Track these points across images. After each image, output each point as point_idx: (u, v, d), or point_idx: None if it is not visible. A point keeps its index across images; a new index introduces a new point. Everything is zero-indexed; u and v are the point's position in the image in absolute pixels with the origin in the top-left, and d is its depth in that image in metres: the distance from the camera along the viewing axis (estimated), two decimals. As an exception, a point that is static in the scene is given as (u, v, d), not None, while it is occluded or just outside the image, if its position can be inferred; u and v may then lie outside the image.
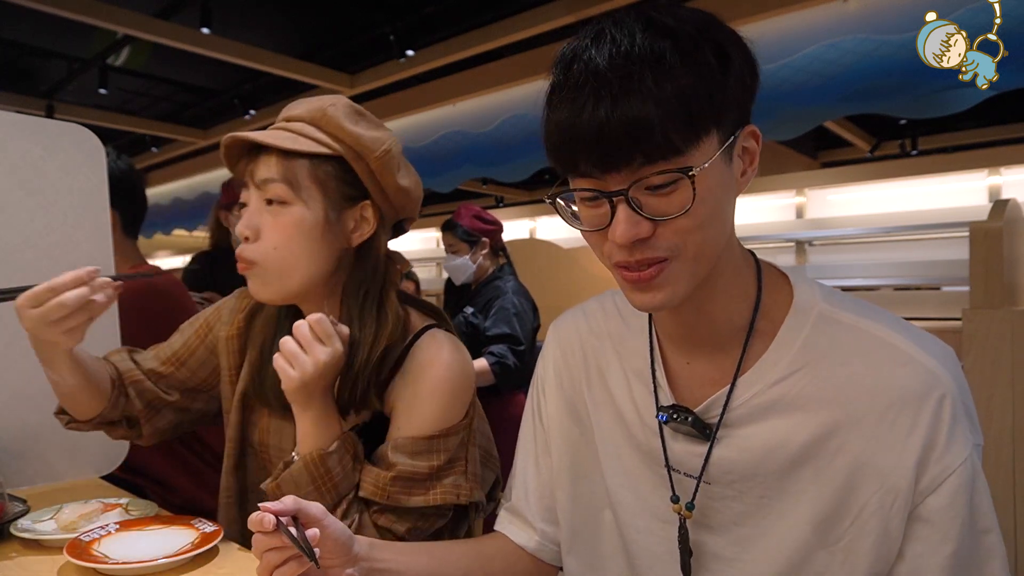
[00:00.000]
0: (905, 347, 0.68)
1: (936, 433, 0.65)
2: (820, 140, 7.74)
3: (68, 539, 0.91)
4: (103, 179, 1.39)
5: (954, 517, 0.65)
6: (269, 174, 0.95)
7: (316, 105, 0.98)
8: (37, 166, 1.31)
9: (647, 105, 0.59)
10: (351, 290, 1.00)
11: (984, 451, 0.72)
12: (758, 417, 0.71)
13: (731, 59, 0.63)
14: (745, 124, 0.67)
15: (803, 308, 0.72)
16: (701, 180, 0.61)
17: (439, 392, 0.97)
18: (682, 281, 0.66)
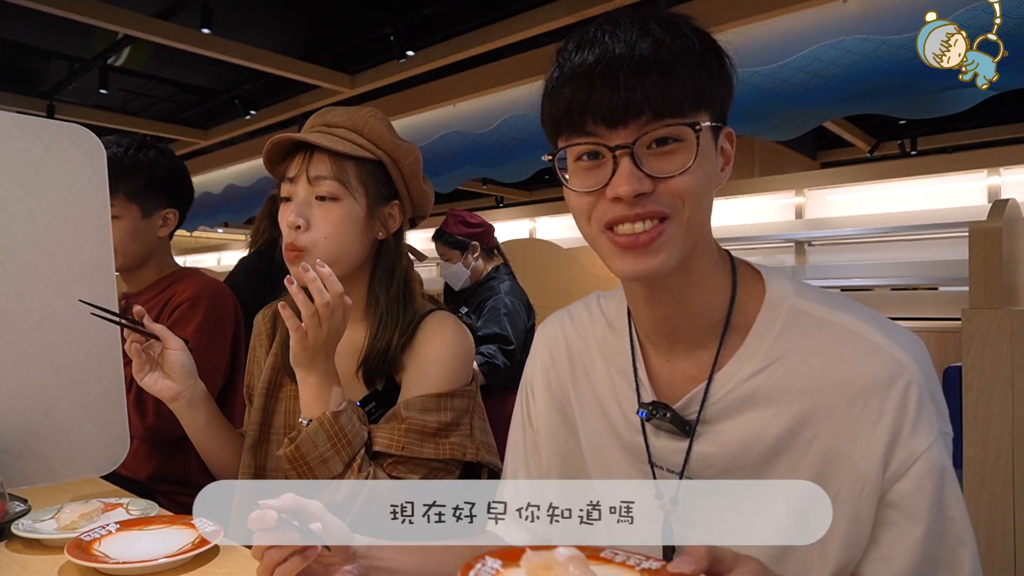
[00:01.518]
0: (872, 336, 0.70)
1: (903, 419, 0.67)
2: (820, 140, 7.75)
3: (68, 539, 0.91)
4: (103, 179, 1.39)
5: (922, 500, 0.67)
6: (323, 172, 1.08)
7: (358, 115, 1.14)
8: (37, 166, 1.31)
9: (662, 53, 0.66)
10: (382, 276, 1.15)
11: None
12: (735, 411, 0.73)
13: (723, 60, 0.71)
14: (727, 124, 0.73)
15: (775, 303, 0.74)
16: (687, 146, 0.68)
17: (443, 355, 1.11)
18: (676, 245, 0.70)
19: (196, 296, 1.57)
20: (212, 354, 1.55)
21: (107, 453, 1.38)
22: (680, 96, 0.67)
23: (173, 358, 1.14)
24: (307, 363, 1.01)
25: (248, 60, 5.37)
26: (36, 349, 1.28)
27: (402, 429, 1.04)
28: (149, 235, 1.64)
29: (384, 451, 1.03)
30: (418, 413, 1.06)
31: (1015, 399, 1.76)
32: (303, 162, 1.09)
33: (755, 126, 3.83)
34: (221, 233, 11.86)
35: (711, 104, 0.69)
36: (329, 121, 1.14)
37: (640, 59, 0.66)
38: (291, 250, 1.08)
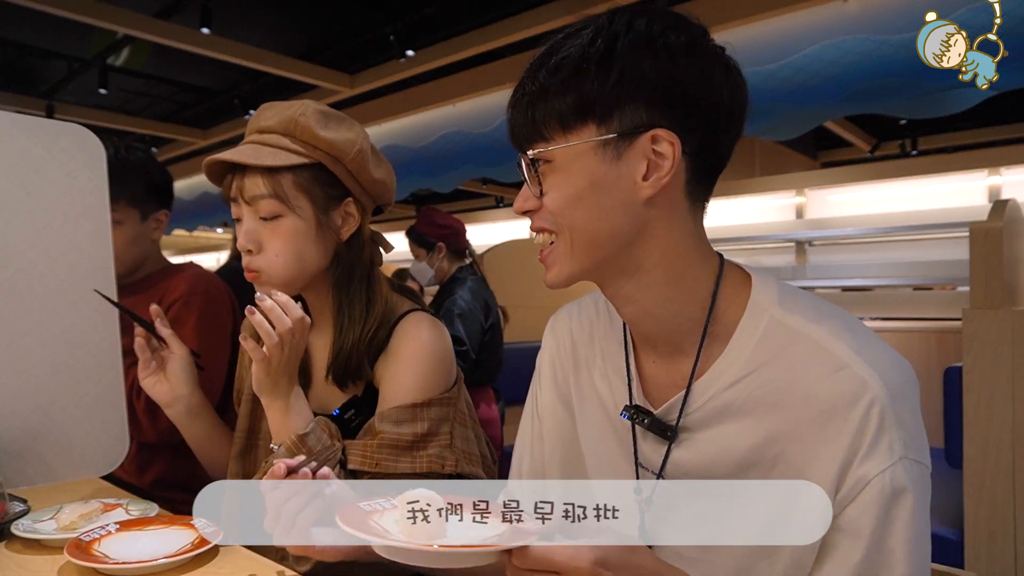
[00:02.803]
0: (842, 353, 0.67)
1: (860, 440, 0.65)
2: (820, 140, 7.74)
3: (68, 539, 0.91)
4: (103, 179, 1.39)
5: (864, 526, 0.64)
6: (258, 191, 1.03)
7: (287, 115, 1.05)
8: (37, 166, 1.31)
9: (524, 101, 0.72)
10: (342, 278, 1.11)
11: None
12: (713, 420, 0.72)
13: (614, 65, 0.68)
14: (654, 127, 0.69)
15: (756, 312, 0.73)
16: (557, 166, 0.71)
17: (417, 362, 1.07)
18: (565, 262, 0.74)
19: (189, 293, 1.55)
20: (214, 350, 1.54)
21: (106, 453, 1.38)
22: (543, 120, 0.71)
23: (175, 364, 1.14)
24: (271, 388, 1.00)
25: (248, 60, 5.37)
26: (36, 349, 1.28)
27: (375, 445, 1.01)
28: (145, 239, 1.64)
29: (359, 468, 1.00)
30: (392, 426, 1.02)
31: (1015, 399, 1.76)
32: (238, 182, 1.05)
33: (755, 126, 3.82)
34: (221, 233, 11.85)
35: (603, 114, 0.69)
36: (261, 126, 1.07)
37: (526, 82, 0.72)
38: (248, 271, 1.07)
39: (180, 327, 1.51)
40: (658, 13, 0.72)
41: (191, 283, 1.58)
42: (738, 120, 0.74)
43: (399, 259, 7.57)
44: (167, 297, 1.56)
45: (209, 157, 1.05)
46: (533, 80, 0.71)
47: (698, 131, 0.71)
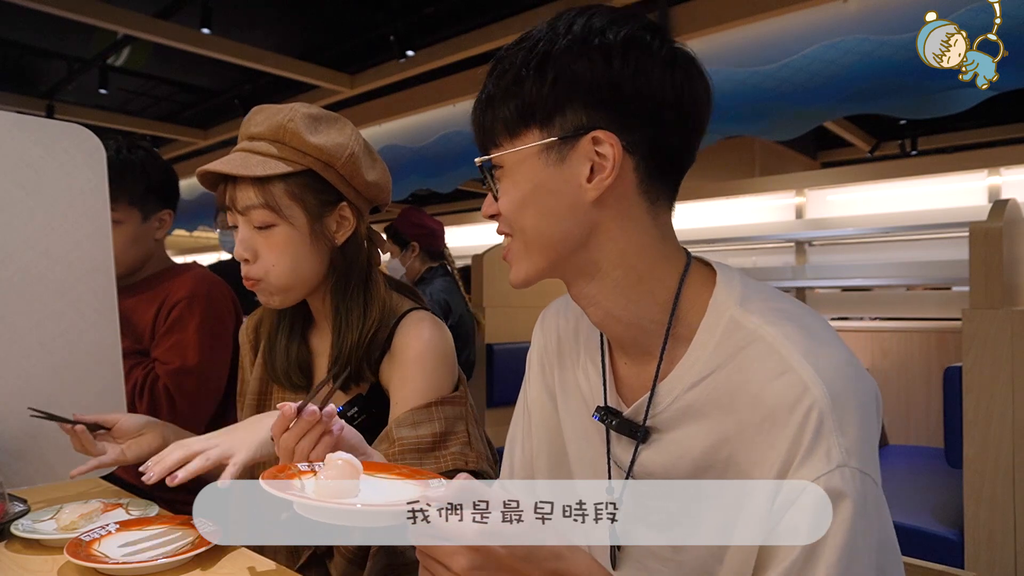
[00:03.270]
0: (789, 356, 0.66)
1: (797, 447, 0.63)
2: (820, 140, 7.74)
3: (68, 539, 0.91)
4: (103, 179, 1.39)
5: (799, 534, 0.62)
6: (249, 202, 1.03)
7: (276, 121, 1.04)
8: (37, 166, 1.31)
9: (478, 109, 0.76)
10: (339, 283, 1.11)
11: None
12: (676, 422, 0.73)
13: (549, 69, 0.69)
14: (594, 129, 0.69)
15: (717, 311, 0.72)
16: (506, 172, 0.73)
17: (422, 361, 1.08)
18: (521, 262, 0.76)
19: (192, 295, 1.55)
20: (215, 355, 1.54)
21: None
22: (492, 126, 0.74)
23: (125, 424, 1.13)
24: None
25: (248, 60, 5.37)
26: (36, 349, 1.28)
27: (396, 452, 1.01)
28: (147, 239, 1.64)
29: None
30: (410, 429, 1.03)
31: (1015, 399, 1.76)
32: (230, 192, 1.05)
33: (755, 126, 3.82)
34: (221, 233, 11.85)
35: (545, 119, 0.70)
36: (251, 132, 1.06)
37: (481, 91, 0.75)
38: (247, 280, 1.07)
39: (181, 329, 1.51)
40: (601, 11, 0.71)
41: (193, 285, 1.57)
42: (689, 116, 0.72)
43: (399, 259, 7.57)
44: (169, 299, 1.56)
45: (200, 167, 1.05)
46: (484, 88, 0.75)
47: (642, 130, 0.70)
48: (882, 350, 3.37)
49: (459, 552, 0.59)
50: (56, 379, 1.31)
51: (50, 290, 1.31)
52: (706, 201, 5.38)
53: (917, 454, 2.93)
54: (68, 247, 1.33)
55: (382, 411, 1.11)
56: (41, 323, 1.29)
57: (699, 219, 5.39)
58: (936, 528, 1.95)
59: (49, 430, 1.29)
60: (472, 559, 0.59)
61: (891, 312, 3.80)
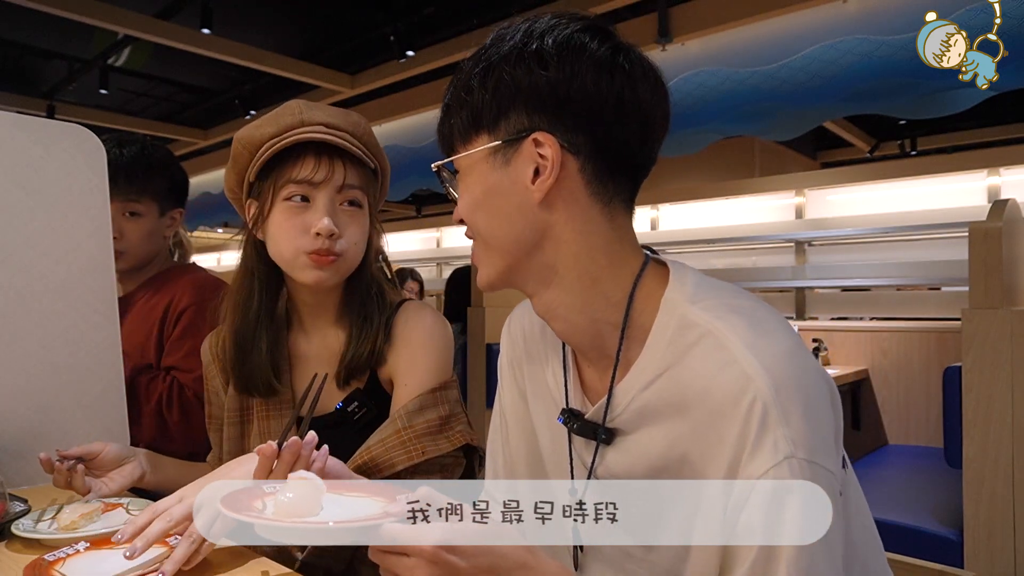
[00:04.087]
0: (733, 347, 0.65)
1: (743, 441, 0.62)
2: (820, 140, 7.75)
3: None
4: (103, 179, 1.39)
5: (754, 532, 0.61)
6: (352, 180, 1.08)
7: (351, 120, 1.11)
8: (37, 166, 1.31)
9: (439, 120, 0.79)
10: (361, 280, 1.14)
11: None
12: (634, 423, 0.73)
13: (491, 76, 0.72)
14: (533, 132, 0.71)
15: (669, 310, 0.72)
16: (461, 176, 0.77)
17: (430, 346, 1.11)
18: (484, 263, 0.78)
19: (200, 300, 1.54)
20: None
21: (107, 453, 1.38)
22: (448, 133, 0.77)
23: (108, 455, 1.11)
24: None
25: (248, 60, 5.37)
26: (36, 349, 1.28)
27: (413, 437, 1.03)
28: (160, 235, 1.65)
29: (407, 465, 1.02)
30: (419, 415, 1.05)
31: (1015, 399, 1.76)
32: (330, 166, 1.06)
33: (755, 126, 3.82)
34: (221, 233, 11.86)
35: (491, 124, 0.73)
36: (326, 122, 1.08)
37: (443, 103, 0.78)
38: (327, 255, 1.05)
39: (195, 335, 1.51)
40: (546, 17, 0.73)
41: (198, 291, 1.57)
42: (632, 115, 0.71)
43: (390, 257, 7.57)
44: (176, 302, 1.56)
45: (300, 135, 1.04)
46: (444, 98, 0.78)
47: (584, 130, 0.70)
48: (881, 350, 3.37)
49: (418, 566, 0.59)
50: (56, 379, 1.31)
51: (50, 290, 1.31)
52: (706, 201, 5.38)
53: (917, 454, 2.93)
54: (68, 247, 1.33)
55: (381, 403, 1.11)
56: (41, 323, 1.29)
57: (699, 219, 5.39)
58: (936, 528, 1.95)
59: (49, 430, 1.29)
60: (430, 571, 0.59)
61: (891, 312, 3.80)
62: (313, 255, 1.05)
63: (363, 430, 1.08)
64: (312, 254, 1.05)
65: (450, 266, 7.06)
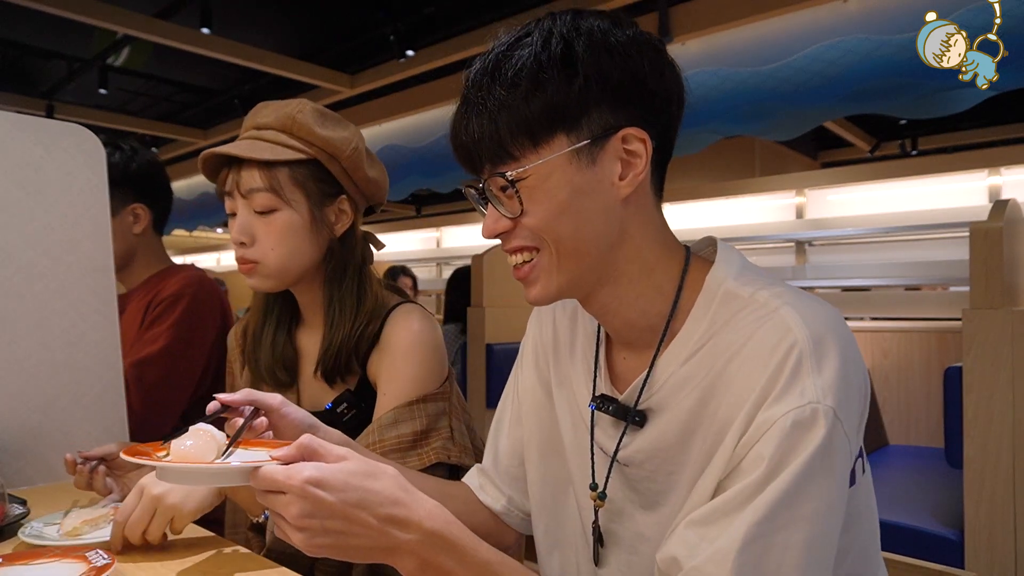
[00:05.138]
0: (776, 306, 0.68)
1: (772, 384, 0.63)
2: (820, 140, 7.74)
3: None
4: (103, 179, 1.39)
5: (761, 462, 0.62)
6: (254, 184, 1.05)
7: (284, 112, 1.08)
8: (37, 166, 1.31)
9: (482, 120, 0.70)
10: (334, 274, 1.12)
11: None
12: (668, 400, 0.73)
13: (577, 72, 0.67)
14: (622, 127, 0.70)
15: (712, 287, 0.74)
16: (533, 183, 0.69)
17: (412, 354, 1.09)
18: (552, 276, 0.73)
19: (178, 293, 1.55)
20: (186, 352, 1.53)
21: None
22: (505, 137, 0.69)
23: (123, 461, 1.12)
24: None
25: (248, 60, 5.37)
26: (36, 349, 1.28)
27: (378, 453, 1.02)
28: (123, 233, 1.62)
29: None
30: (392, 429, 1.05)
31: (1015, 399, 1.76)
32: (234, 176, 1.07)
33: (755, 126, 3.82)
34: (220, 233, 11.86)
35: (572, 122, 0.68)
36: (258, 123, 1.10)
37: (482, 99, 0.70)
38: (242, 263, 1.08)
39: (158, 325, 1.51)
40: (596, 14, 0.72)
41: (181, 285, 1.58)
42: (683, 107, 0.75)
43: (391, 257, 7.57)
44: (156, 298, 1.56)
45: (206, 151, 1.07)
46: (488, 95, 0.69)
47: (658, 124, 0.72)
48: (882, 350, 3.37)
49: (291, 502, 0.61)
50: (56, 379, 1.31)
51: (50, 290, 1.31)
52: (706, 201, 5.38)
53: (917, 454, 2.93)
54: (68, 247, 1.33)
55: (370, 405, 1.12)
56: (41, 323, 1.29)
57: (699, 219, 5.39)
58: (936, 528, 1.95)
59: (49, 430, 1.29)
60: (302, 507, 0.61)
61: (891, 312, 3.80)
62: (238, 263, 1.09)
63: (353, 430, 1.09)
64: (237, 262, 1.09)
65: (450, 266, 7.07)
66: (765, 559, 0.60)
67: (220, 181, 1.10)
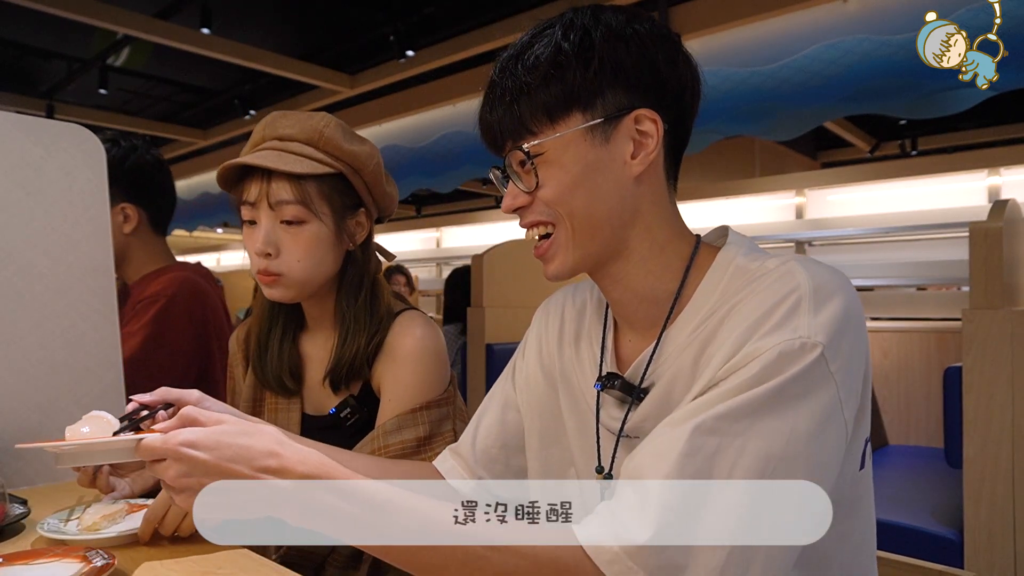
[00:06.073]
0: (783, 263, 0.71)
1: (767, 318, 0.65)
2: (820, 140, 7.74)
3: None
4: (103, 179, 1.39)
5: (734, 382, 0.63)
6: (284, 196, 1.05)
7: (310, 125, 1.08)
8: (37, 166, 1.31)
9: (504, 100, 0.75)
10: (351, 285, 1.14)
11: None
12: (674, 372, 0.75)
13: (594, 55, 0.72)
14: (635, 108, 0.74)
15: (721, 265, 0.76)
16: (550, 157, 0.74)
17: (416, 361, 1.11)
18: (568, 251, 0.77)
19: (157, 294, 1.54)
20: (159, 346, 1.51)
21: (107, 453, 1.38)
22: (527, 115, 0.74)
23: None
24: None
25: (248, 60, 5.37)
26: (35, 349, 1.28)
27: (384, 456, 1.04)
28: (113, 233, 1.59)
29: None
30: (395, 435, 1.06)
31: (1015, 399, 1.76)
32: (262, 186, 1.06)
33: (755, 126, 3.82)
34: (220, 233, 11.86)
35: (587, 102, 0.73)
36: (281, 134, 1.09)
37: (503, 82, 0.76)
38: (266, 275, 1.08)
39: (135, 322, 1.51)
40: (615, 9, 0.77)
41: (164, 285, 1.56)
42: (698, 99, 0.80)
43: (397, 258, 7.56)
44: (136, 299, 1.56)
45: (230, 161, 1.05)
46: (512, 78, 0.75)
47: (671, 109, 0.76)
48: (882, 350, 3.37)
49: (169, 465, 0.67)
50: (56, 379, 1.31)
51: (50, 290, 1.31)
52: (706, 201, 5.38)
53: (917, 454, 2.93)
54: (68, 247, 1.33)
55: (372, 410, 1.13)
56: (41, 323, 1.29)
57: (699, 219, 5.38)
58: (936, 528, 1.94)
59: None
60: (179, 468, 0.66)
61: (891, 312, 3.80)
62: (259, 274, 1.08)
63: (356, 434, 1.11)
64: (259, 273, 1.08)
65: (450, 266, 7.06)
66: (718, 457, 0.61)
67: (240, 191, 1.09)
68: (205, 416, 0.70)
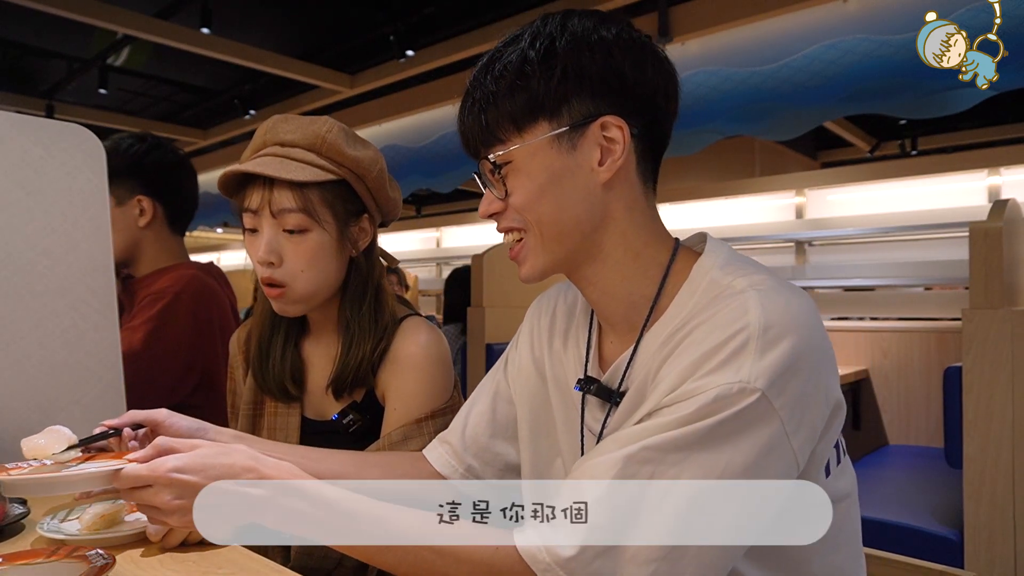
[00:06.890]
0: (743, 289, 0.70)
1: (712, 356, 0.66)
2: (820, 140, 7.74)
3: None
4: (103, 179, 1.39)
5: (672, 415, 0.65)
6: (286, 204, 1.03)
7: (312, 130, 1.06)
8: (37, 166, 1.31)
9: (475, 109, 0.77)
10: (355, 293, 1.12)
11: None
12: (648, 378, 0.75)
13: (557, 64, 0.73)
14: (601, 115, 0.74)
15: (699, 274, 0.77)
16: (518, 165, 0.75)
17: (420, 369, 1.10)
18: (538, 255, 0.78)
19: (164, 290, 1.54)
20: (158, 343, 1.51)
21: (107, 453, 1.38)
22: (495, 124, 0.75)
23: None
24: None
25: (248, 60, 5.37)
26: (35, 349, 1.28)
27: None
28: (127, 224, 1.60)
29: None
30: (401, 444, 1.06)
31: (1015, 399, 1.76)
32: (264, 194, 1.04)
33: (755, 126, 3.82)
34: (221, 233, 11.85)
35: (553, 110, 0.74)
36: (283, 139, 1.06)
37: (474, 91, 0.77)
38: (269, 285, 1.06)
39: (136, 317, 1.50)
40: (586, 13, 0.77)
41: (170, 283, 1.56)
42: (673, 102, 0.79)
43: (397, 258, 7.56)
44: (142, 294, 1.55)
45: (231, 168, 1.04)
46: (481, 88, 0.76)
47: (640, 114, 0.76)
48: (882, 350, 3.37)
49: (159, 491, 0.72)
50: (56, 379, 1.31)
51: (50, 290, 1.30)
52: (706, 201, 5.38)
53: (917, 454, 2.93)
54: (68, 247, 1.33)
55: (375, 416, 1.12)
56: (41, 323, 1.29)
57: (699, 219, 5.38)
58: (936, 528, 1.95)
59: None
60: (171, 492, 0.72)
61: (891, 312, 3.80)
62: (264, 285, 1.07)
63: (358, 440, 1.11)
64: (264, 283, 1.07)
65: (450, 266, 7.06)
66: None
67: (241, 198, 1.07)
68: (180, 443, 0.76)
